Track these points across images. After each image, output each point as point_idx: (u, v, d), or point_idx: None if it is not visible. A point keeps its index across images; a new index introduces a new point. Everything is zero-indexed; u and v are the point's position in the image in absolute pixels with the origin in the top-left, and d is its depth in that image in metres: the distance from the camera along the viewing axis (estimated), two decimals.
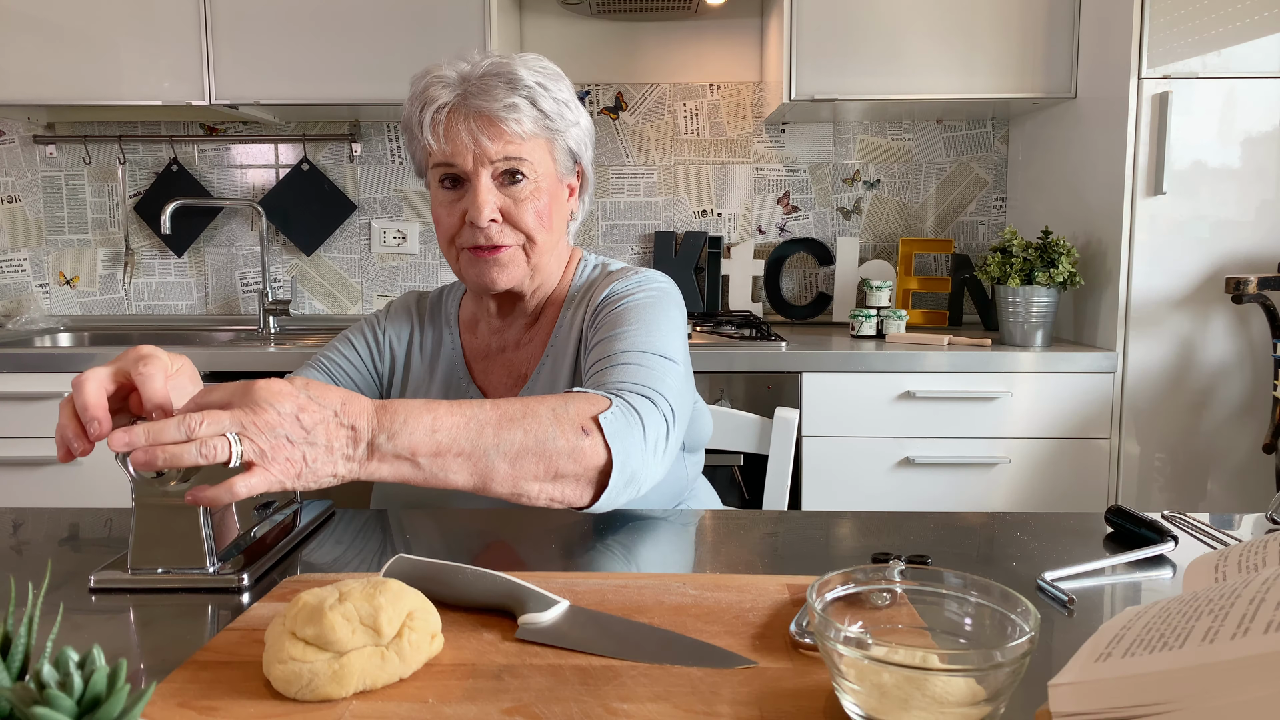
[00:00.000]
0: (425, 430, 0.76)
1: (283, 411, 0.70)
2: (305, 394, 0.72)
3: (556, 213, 1.11)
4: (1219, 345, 2.07)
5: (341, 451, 0.73)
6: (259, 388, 0.71)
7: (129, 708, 0.44)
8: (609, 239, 2.78)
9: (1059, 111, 2.37)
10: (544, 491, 0.82)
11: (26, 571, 0.83)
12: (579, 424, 0.83)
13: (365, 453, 0.74)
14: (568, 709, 0.56)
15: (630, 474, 0.86)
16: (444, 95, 1.04)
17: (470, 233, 1.07)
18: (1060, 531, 0.92)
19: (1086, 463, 2.11)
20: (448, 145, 1.04)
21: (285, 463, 0.71)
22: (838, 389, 2.09)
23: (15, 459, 2.10)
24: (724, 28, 2.70)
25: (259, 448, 0.70)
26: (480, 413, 0.79)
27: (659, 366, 0.98)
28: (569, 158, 1.12)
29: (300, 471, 0.72)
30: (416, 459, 0.76)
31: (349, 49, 2.33)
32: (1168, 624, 0.42)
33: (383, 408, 0.75)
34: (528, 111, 1.04)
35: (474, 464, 0.78)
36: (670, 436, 0.92)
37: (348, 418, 0.73)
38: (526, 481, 0.80)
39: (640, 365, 0.97)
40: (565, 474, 0.82)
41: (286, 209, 2.74)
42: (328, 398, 0.73)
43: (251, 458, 0.70)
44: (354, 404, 0.74)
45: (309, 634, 0.59)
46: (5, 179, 2.68)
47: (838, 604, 0.61)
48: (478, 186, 1.04)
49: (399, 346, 1.23)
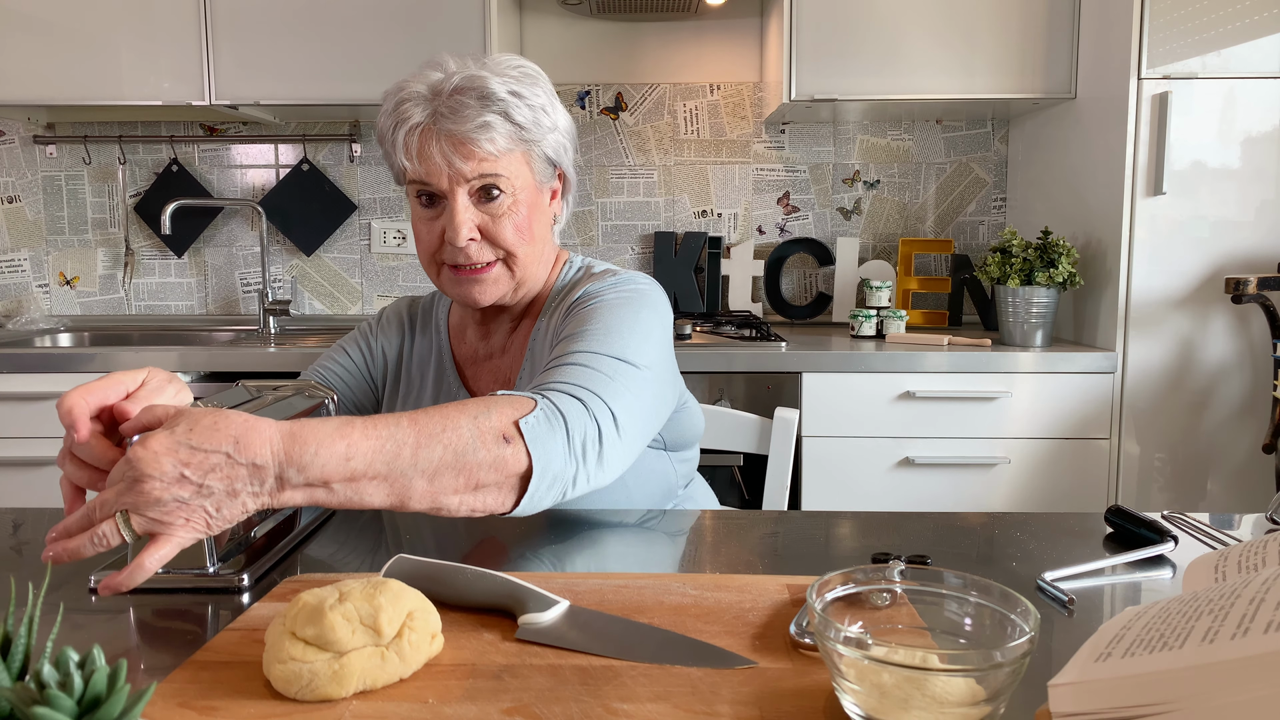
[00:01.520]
0: (339, 459, 0.72)
1: (165, 476, 0.66)
2: (187, 446, 0.67)
3: (537, 221, 1.09)
4: (1219, 345, 2.07)
5: (247, 490, 0.69)
6: (136, 458, 0.66)
7: (129, 708, 0.44)
8: (609, 239, 2.78)
9: (1059, 111, 2.37)
10: (464, 503, 0.79)
11: (26, 571, 0.83)
12: (500, 432, 0.79)
13: (275, 485, 0.70)
14: (568, 709, 0.56)
15: (553, 477, 0.83)
16: (416, 114, 1.02)
17: (451, 251, 1.06)
18: (1060, 531, 0.92)
19: (1086, 463, 2.11)
20: (421, 166, 1.02)
21: (186, 523, 0.67)
22: (838, 389, 2.09)
23: (15, 459, 2.10)
24: (724, 28, 2.70)
25: (151, 519, 0.66)
26: (398, 432, 0.75)
27: (608, 369, 0.94)
28: (547, 165, 1.10)
29: (208, 523, 0.68)
30: (330, 485, 0.72)
31: (349, 49, 2.32)
32: (1168, 624, 0.42)
33: (291, 437, 0.71)
34: (501, 128, 1.02)
35: (390, 485, 0.75)
36: (605, 441, 0.88)
37: (245, 455, 0.69)
38: (445, 496, 0.77)
39: (586, 367, 0.93)
40: (486, 484, 0.79)
41: (286, 209, 2.74)
42: (216, 439, 0.68)
43: (150, 529, 0.67)
44: (252, 437, 0.69)
45: (309, 634, 0.59)
46: (5, 179, 2.68)
47: (838, 604, 0.61)
48: (454, 206, 1.03)
49: (391, 354, 1.23)
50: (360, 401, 1.22)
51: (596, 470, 0.87)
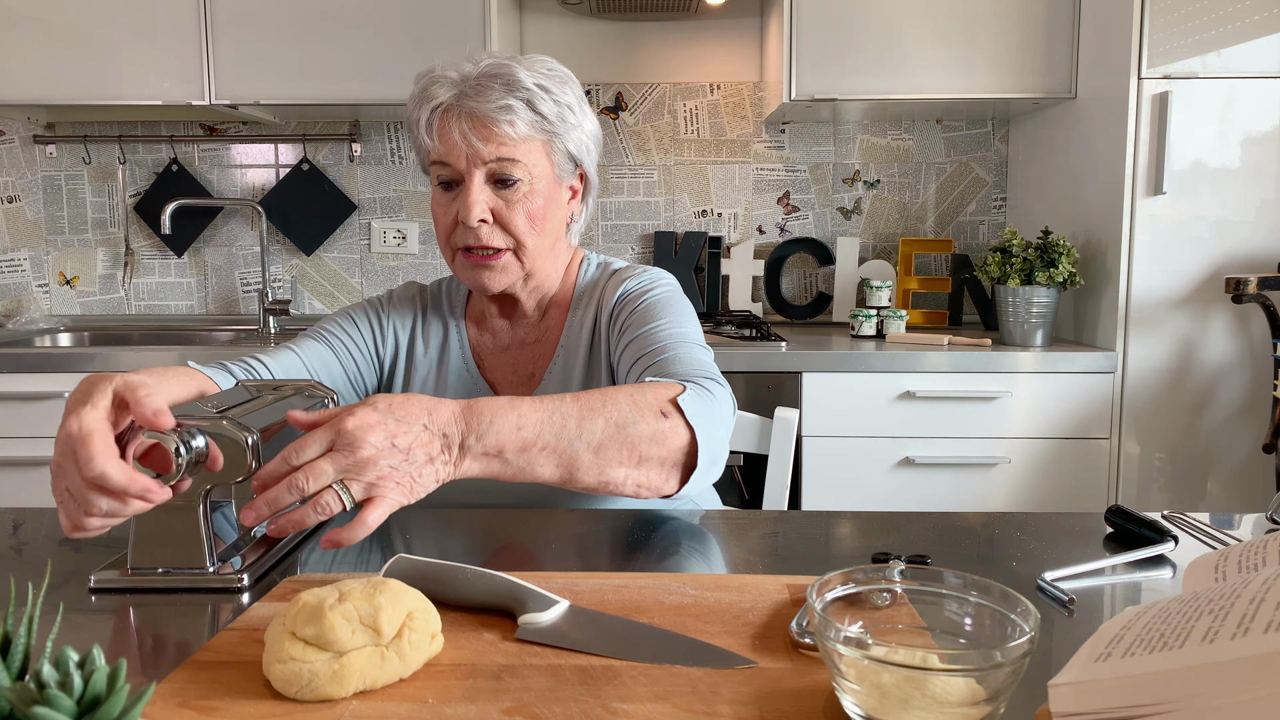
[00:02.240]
0: (511, 428, 0.78)
1: (378, 444, 0.72)
2: (392, 418, 0.74)
3: (552, 215, 1.11)
4: (1219, 345, 2.07)
5: (440, 458, 0.76)
6: (348, 427, 0.72)
7: (129, 708, 0.44)
8: (609, 239, 2.78)
9: (1059, 111, 2.37)
10: (630, 478, 0.84)
11: (26, 571, 0.83)
12: (658, 408, 0.85)
13: (458, 455, 0.77)
14: (568, 709, 0.56)
15: (714, 453, 0.89)
16: (442, 95, 1.05)
17: (462, 233, 1.08)
18: (1060, 531, 0.92)
19: (1086, 463, 2.11)
20: (441, 145, 1.05)
21: (396, 487, 0.73)
22: (838, 389, 2.09)
23: (15, 459, 2.10)
24: (724, 28, 2.70)
25: (367, 483, 0.72)
26: (562, 405, 0.81)
27: (703, 355, 1.03)
28: (569, 160, 1.12)
29: (411, 488, 0.74)
30: (504, 455, 0.78)
31: (349, 49, 2.33)
32: (1168, 624, 0.42)
33: (468, 408, 0.78)
34: (523, 114, 1.05)
35: (559, 456, 0.80)
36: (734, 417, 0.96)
37: (436, 426, 0.76)
38: (612, 468, 0.83)
39: (688, 356, 1.01)
40: (649, 458, 0.84)
41: (286, 209, 2.74)
42: (412, 412, 0.75)
43: (365, 494, 0.72)
44: (439, 411, 0.76)
45: (309, 634, 0.59)
46: (5, 179, 2.68)
47: (838, 604, 0.61)
48: (469, 186, 1.05)
49: (403, 334, 1.23)
50: (362, 376, 1.19)
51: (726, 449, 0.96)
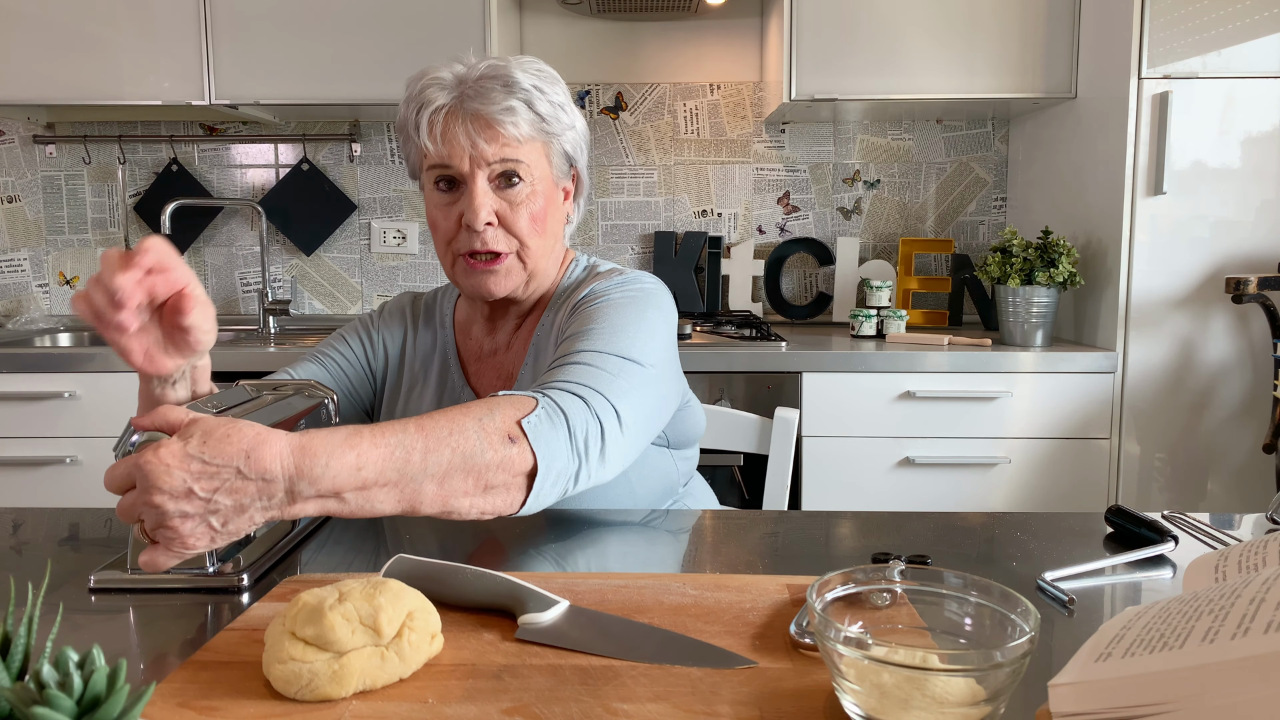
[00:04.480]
0: (349, 469, 0.71)
1: (172, 489, 0.65)
2: (200, 459, 0.66)
3: (552, 216, 1.11)
4: (1219, 345, 2.07)
5: (256, 505, 0.68)
6: (147, 467, 0.65)
7: (129, 708, 0.44)
8: (609, 239, 2.78)
9: (1059, 111, 2.37)
10: (474, 505, 0.79)
11: (26, 571, 0.83)
12: (505, 432, 0.80)
13: (285, 499, 0.69)
14: (568, 709, 0.56)
15: (556, 475, 0.83)
16: (440, 98, 1.04)
17: (466, 236, 1.06)
18: (1060, 531, 0.92)
19: (1086, 463, 2.11)
20: (444, 148, 1.04)
21: (188, 536, 0.66)
22: (838, 389, 2.09)
23: (15, 459, 2.10)
24: (724, 28, 2.70)
25: (154, 526, 0.66)
26: (405, 438, 0.75)
27: (613, 367, 0.94)
28: (565, 161, 1.12)
29: (211, 537, 0.68)
30: (342, 496, 0.72)
31: (349, 49, 2.32)
32: (1168, 624, 0.42)
33: (300, 449, 0.70)
34: (524, 114, 1.04)
35: (401, 491, 0.74)
36: (607, 438, 0.88)
37: (255, 470, 0.67)
38: (456, 499, 0.77)
39: (590, 365, 0.94)
40: (495, 485, 0.79)
41: (286, 209, 2.74)
42: (225, 453, 0.67)
43: (155, 537, 0.67)
44: (261, 452, 0.68)
45: (309, 634, 0.59)
46: (5, 179, 2.68)
47: (838, 604, 0.61)
48: (474, 189, 1.04)
49: (393, 347, 1.23)
50: (358, 392, 1.22)
51: (599, 467, 0.87)
